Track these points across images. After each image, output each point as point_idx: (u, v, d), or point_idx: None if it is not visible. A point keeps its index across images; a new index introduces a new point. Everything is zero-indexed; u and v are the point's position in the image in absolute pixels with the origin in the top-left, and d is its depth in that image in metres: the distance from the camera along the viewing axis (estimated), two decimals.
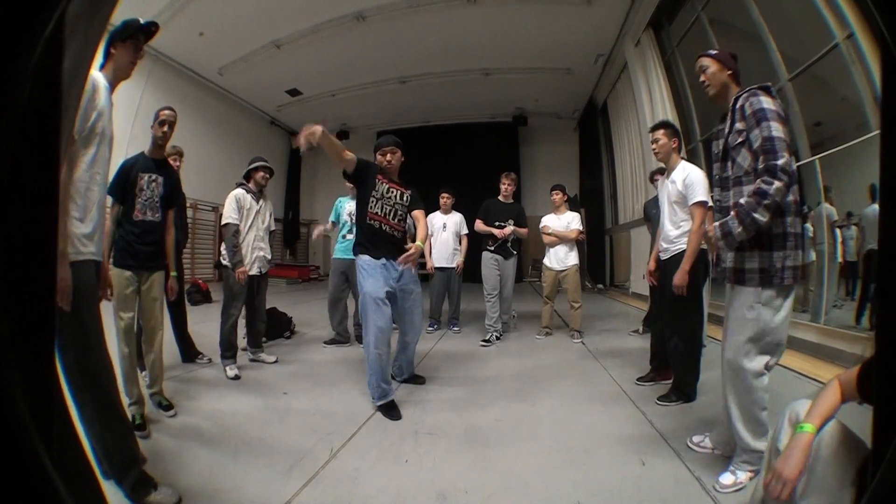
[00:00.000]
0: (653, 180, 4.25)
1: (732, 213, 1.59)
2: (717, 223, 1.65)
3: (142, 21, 1.67)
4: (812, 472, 1.03)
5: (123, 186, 2.30)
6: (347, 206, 4.12)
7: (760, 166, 1.54)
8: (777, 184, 1.49)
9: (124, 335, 2.19)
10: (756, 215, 1.52)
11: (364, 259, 2.58)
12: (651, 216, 4.20)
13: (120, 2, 0.89)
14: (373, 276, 2.54)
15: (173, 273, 2.67)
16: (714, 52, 1.84)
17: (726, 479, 1.63)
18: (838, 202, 3.89)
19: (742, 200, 1.57)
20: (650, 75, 7.18)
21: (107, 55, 1.63)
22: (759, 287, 1.61)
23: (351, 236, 4.02)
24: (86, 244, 1.47)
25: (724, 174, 1.76)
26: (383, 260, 2.59)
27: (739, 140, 1.64)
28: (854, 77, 3.40)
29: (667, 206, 2.70)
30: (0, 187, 0.49)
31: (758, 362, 1.63)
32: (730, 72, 1.77)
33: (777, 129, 1.53)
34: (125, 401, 2.06)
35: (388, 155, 2.73)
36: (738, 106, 1.66)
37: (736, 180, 1.69)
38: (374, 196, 2.64)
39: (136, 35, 1.65)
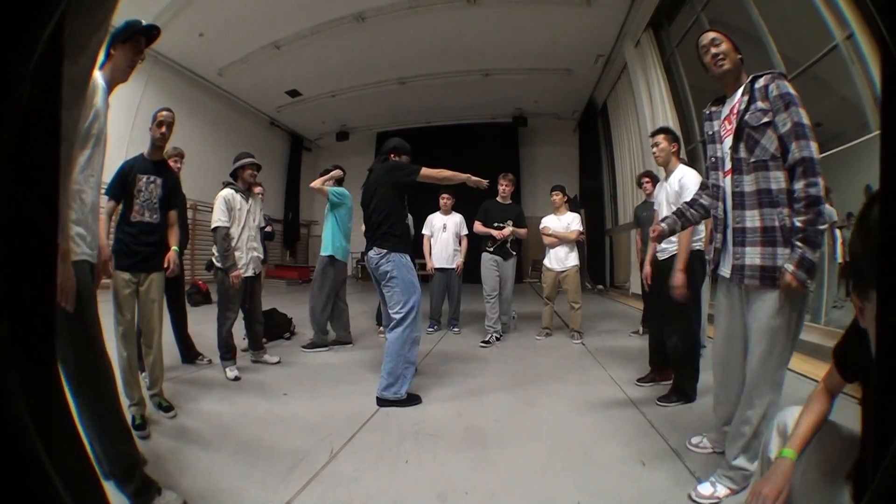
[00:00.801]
0: (640, 184, 4.32)
1: (799, 243, 1.42)
2: (789, 267, 1.43)
3: (144, 23, 1.65)
4: (797, 490, 1.05)
5: (122, 187, 2.31)
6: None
7: (796, 155, 1.44)
8: (820, 181, 1.41)
9: (123, 337, 2.19)
10: (820, 227, 1.42)
11: (409, 260, 2.72)
12: (641, 220, 4.25)
13: (120, 2, 0.89)
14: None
15: (174, 248, 2.55)
16: (724, 31, 1.74)
17: (705, 489, 1.58)
18: (838, 203, 3.89)
19: (798, 222, 1.43)
20: (650, 76, 7.19)
21: (107, 55, 1.61)
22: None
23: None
24: (79, 244, 1.46)
25: (736, 155, 1.60)
26: None
27: (765, 120, 1.52)
28: (854, 78, 3.41)
29: (665, 207, 2.72)
30: (0, 187, 0.49)
31: (781, 374, 1.55)
32: (740, 56, 1.69)
33: (806, 117, 1.47)
34: (125, 402, 2.06)
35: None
36: (758, 86, 1.56)
37: (760, 164, 1.54)
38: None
39: (137, 37, 1.64)
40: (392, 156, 2.88)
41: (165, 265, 2.47)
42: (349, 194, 4.10)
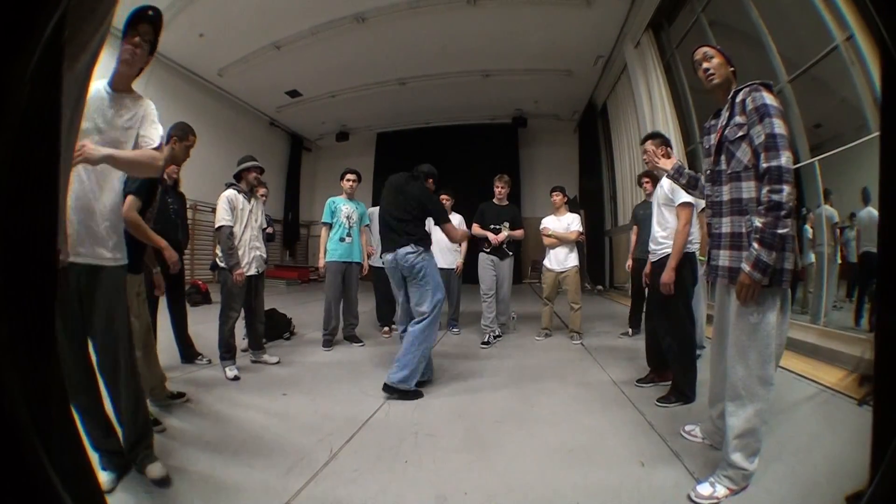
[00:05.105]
0: (640, 184, 4.35)
1: (755, 245, 1.49)
2: (745, 267, 1.51)
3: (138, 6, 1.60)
4: None
5: None
6: (344, 207, 4.12)
7: (763, 165, 1.50)
8: (786, 188, 1.45)
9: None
10: (779, 231, 1.46)
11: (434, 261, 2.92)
12: (638, 218, 4.27)
13: (120, 3, 0.89)
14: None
15: (156, 269, 2.53)
16: (717, 46, 1.82)
17: (704, 489, 1.58)
18: (837, 204, 3.89)
19: (758, 223, 1.49)
20: (650, 77, 7.19)
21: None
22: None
23: (349, 239, 4.06)
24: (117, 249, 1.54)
25: (716, 168, 1.71)
26: None
27: (740, 134, 1.59)
28: (854, 79, 3.41)
29: (655, 208, 2.79)
30: (0, 187, 0.49)
31: (767, 371, 1.56)
32: (732, 69, 1.76)
33: (780, 127, 1.50)
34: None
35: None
36: (738, 100, 1.62)
37: (733, 175, 1.63)
38: None
39: (133, 25, 1.62)
40: (430, 181, 3.12)
41: (157, 293, 2.56)
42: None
